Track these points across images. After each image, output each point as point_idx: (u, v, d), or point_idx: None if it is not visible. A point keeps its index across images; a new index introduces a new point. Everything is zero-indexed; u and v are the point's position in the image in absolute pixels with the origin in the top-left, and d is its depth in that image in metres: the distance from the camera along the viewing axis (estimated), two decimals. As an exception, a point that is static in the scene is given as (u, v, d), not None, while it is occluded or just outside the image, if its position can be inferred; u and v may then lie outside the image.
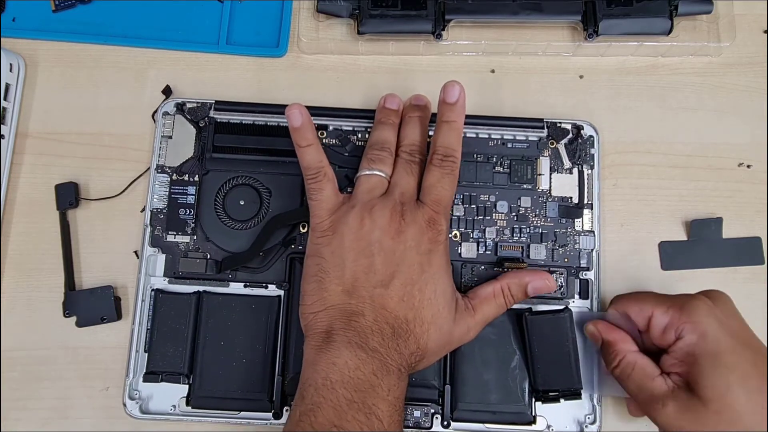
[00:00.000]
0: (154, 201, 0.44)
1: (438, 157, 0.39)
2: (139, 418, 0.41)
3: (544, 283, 0.40)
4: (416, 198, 0.40)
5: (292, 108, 0.40)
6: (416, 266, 0.37)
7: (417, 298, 0.37)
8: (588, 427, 0.41)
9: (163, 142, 0.44)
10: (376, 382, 0.34)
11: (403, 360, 0.36)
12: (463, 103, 0.40)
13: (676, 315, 0.37)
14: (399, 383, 0.36)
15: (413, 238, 0.37)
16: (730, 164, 0.46)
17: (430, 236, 0.38)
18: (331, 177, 0.40)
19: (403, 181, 0.40)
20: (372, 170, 0.40)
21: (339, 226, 0.38)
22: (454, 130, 0.40)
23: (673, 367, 0.36)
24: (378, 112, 0.43)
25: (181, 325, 0.42)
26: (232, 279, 0.43)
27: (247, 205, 0.44)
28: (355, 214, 0.38)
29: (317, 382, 0.34)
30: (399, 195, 0.39)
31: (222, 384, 0.41)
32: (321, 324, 0.37)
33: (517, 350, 0.42)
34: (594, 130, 0.45)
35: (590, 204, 0.44)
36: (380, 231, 0.37)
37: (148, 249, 0.43)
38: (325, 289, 0.37)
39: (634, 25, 0.45)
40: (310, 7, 0.47)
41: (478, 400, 0.41)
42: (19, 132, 0.46)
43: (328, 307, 0.37)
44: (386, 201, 0.38)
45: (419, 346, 0.36)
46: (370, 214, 0.38)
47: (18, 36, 0.47)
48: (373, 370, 0.35)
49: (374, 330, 0.36)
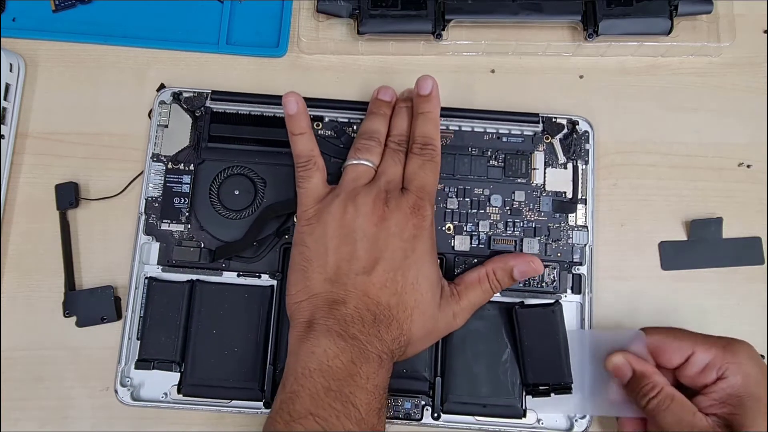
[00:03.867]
0: (149, 189, 0.44)
1: (417, 146, 0.40)
2: (131, 404, 0.41)
3: (529, 266, 0.40)
4: (401, 185, 0.40)
5: (288, 96, 0.41)
6: (399, 252, 0.37)
7: (400, 284, 0.37)
8: (578, 421, 0.41)
9: (159, 131, 0.44)
10: (355, 371, 0.35)
11: (384, 346, 0.36)
12: (436, 95, 0.41)
13: (720, 354, 0.37)
14: (379, 371, 0.35)
15: (397, 224, 0.38)
16: (730, 164, 0.46)
17: (414, 222, 0.38)
18: (320, 167, 0.41)
19: (389, 170, 0.40)
20: (359, 160, 0.40)
21: (323, 214, 0.38)
22: (430, 120, 0.41)
23: (712, 408, 0.36)
24: (371, 103, 0.44)
25: (173, 313, 0.42)
26: (226, 268, 0.43)
27: (242, 195, 0.44)
28: (339, 202, 0.38)
29: (297, 371, 0.35)
30: (384, 183, 0.39)
31: (213, 372, 0.41)
32: (304, 313, 0.37)
33: (508, 343, 0.42)
34: (589, 126, 0.45)
35: (584, 199, 0.44)
36: (363, 218, 0.37)
37: (143, 237, 0.43)
38: (309, 278, 0.37)
39: (634, 25, 0.45)
40: (310, 7, 0.47)
41: (468, 392, 0.41)
42: (19, 132, 0.46)
43: (311, 296, 0.37)
44: (371, 189, 0.39)
45: (402, 331, 0.37)
46: (354, 201, 0.38)
47: (18, 36, 0.47)
48: (351, 358, 0.35)
49: (355, 317, 0.36)
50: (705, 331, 0.38)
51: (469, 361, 0.42)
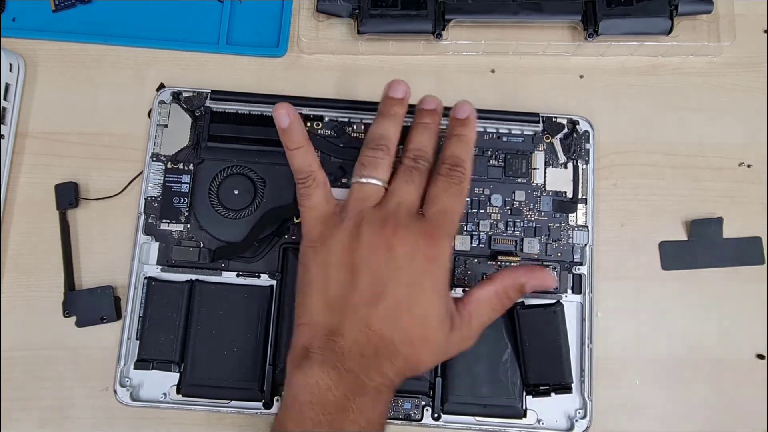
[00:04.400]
0: (149, 189, 0.44)
1: (446, 167, 0.37)
2: (130, 405, 0.41)
3: (541, 283, 0.37)
4: (417, 210, 0.37)
5: (278, 108, 0.38)
6: (405, 287, 0.34)
7: (405, 319, 0.34)
8: (578, 421, 0.41)
9: (158, 131, 0.44)
10: (348, 405, 0.32)
11: (385, 379, 0.34)
12: (473, 119, 0.38)
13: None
14: (375, 404, 0.34)
15: (406, 255, 0.34)
16: (730, 164, 0.46)
17: (426, 253, 0.34)
18: (321, 182, 0.38)
19: (401, 191, 0.36)
20: (365, 178, 0.37)
21: (327, 239, 0.36)
22: (465, 143, 0.38)
23: None
24: (381, 102, 0.39)
25: (173, 313, 0.42)
26: (225, 268, 0.43)
27: (241, 195, 0.44)
28: (344, 227, 0.35)
29: (287, 401, 0.34)
30: (394, 205, 0.36)
31: (213, 373, 0.41)
32: (303, 337, 0.35)
33: (508, 343, 0.42)
34: (589, 125, 0.45)
35: (584, 199, 0.44)
36: (368, 247, 0.34)
37: (142, 237, 0.43)
38: (310, 303, 0.35)
39: (634, 25, 0.45)
40: (310, 7, 0.47)
41: (468, 393, 0.41)
42: (19, 132, 0.46)
43: (310, 322, 0.35)
44: (378, 213, 0.36)
45: (407, 364, 0.34)
46: (359, 228, 0.35)
47: (18, 36, 0.47)
48: (345, 392, 0.33)
49: (353, 351, 0.33)
50: (704, 331, 0.38)
51: (470, 361, 0.41)
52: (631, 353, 0.44)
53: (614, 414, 0.43)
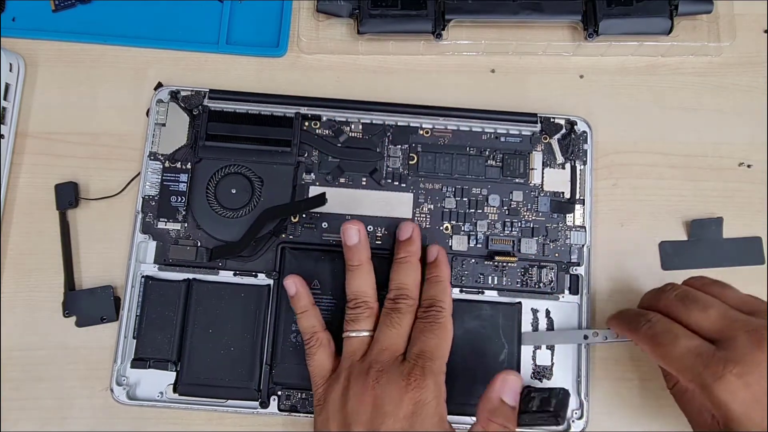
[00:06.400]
0: (146, 188, 0.44)
1: (422, 310, 0.39)
2: (126, 403, 0.41)
3: (510, 385, 0.36)
4: (403, 351, 0.38)
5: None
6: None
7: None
8: (575, 422, 0.41)
9: (156, 130, 0.44)
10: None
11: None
12: (443, 259, 0.40)
13: (699, 392, 0.33)
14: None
15: (391, 402, 0.35)
16: (730, 164, 0.46)
17: (411, 396, 0.35)
18: (324, 342, 0.39)
19: (382, 337, 0.38)
20: (352, 332, 0.38)
21: (326, 399, 0.37)
22: (437, 282, 0.39)
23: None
24: (345, 253, 0.40)
25: (170, 312, 0.42)
26: (222, 267, 0.43)
27: (239, 194, 0.44)
28: (338, 384, 0.37)
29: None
30: (377, 353, 0.37)
31: (209, 372, 0.41)
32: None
33: (505, 344, 0.42)
34: (587, 126, 0.45)
35: (582, 199, 0.44)
36: (356, 399, 0.36)
37: (139, 236, 0.43)
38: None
39: (634, 25, 0.45)
40: (310, 7, 0.47)
41: (466, 392, 0.41)
42: (19, 132, 0.46)
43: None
44: (363, 364, 0.37)
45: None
46: (348, 381, 0.37)
47: (18, 36, 0.47)
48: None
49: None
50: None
51: (468, 361, 0.41)
52: (631, 353, 0.44)
53: (611, 414, 0.43)
